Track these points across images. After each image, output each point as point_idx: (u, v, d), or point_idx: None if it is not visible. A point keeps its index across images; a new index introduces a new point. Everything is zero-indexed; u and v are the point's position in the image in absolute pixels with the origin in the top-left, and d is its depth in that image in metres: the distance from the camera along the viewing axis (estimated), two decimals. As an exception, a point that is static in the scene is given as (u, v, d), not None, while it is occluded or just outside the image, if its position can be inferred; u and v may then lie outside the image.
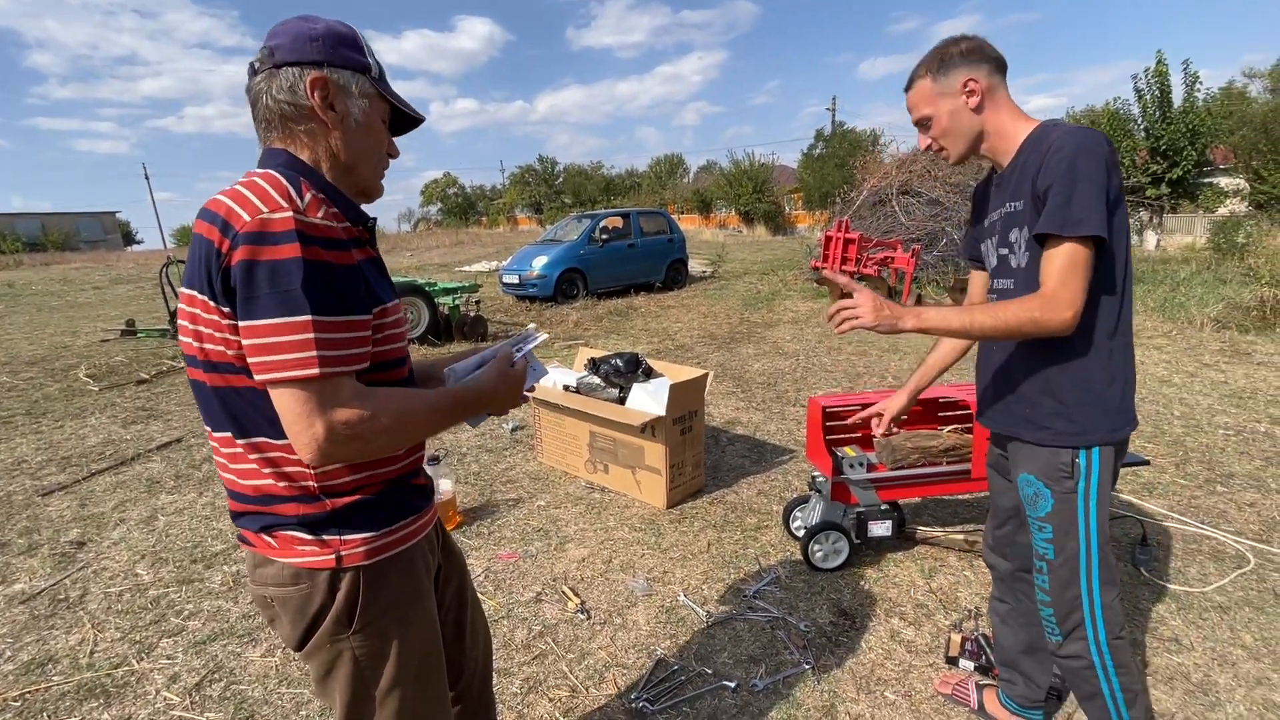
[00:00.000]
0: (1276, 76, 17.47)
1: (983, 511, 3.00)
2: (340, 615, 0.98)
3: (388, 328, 0.98)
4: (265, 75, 0.95)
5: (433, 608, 1.13)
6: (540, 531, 2.97)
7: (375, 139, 1.04)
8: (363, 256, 0.96)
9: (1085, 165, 1.24)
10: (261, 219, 0.82)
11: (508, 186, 51.79)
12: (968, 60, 1.40)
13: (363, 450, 0.89)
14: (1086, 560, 1.40)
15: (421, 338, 7.37)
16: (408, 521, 1.05)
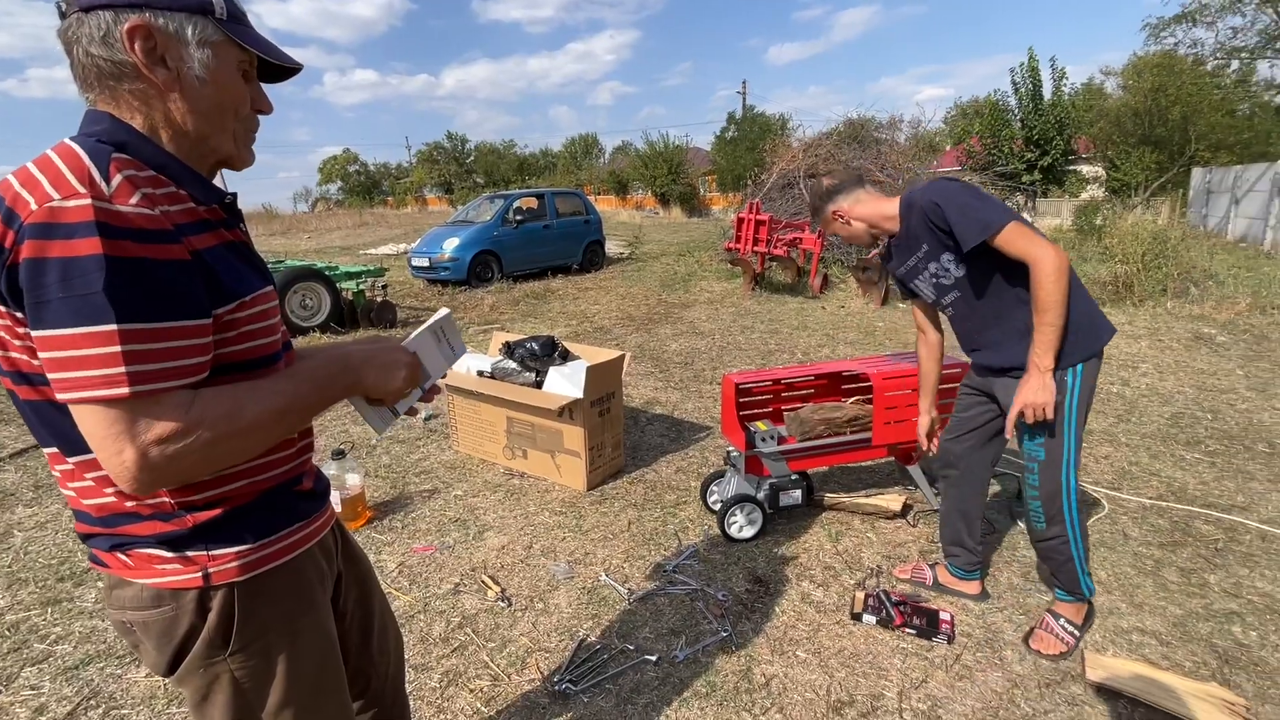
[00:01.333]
0: (1127, 75, 19.47)
1: (884, 477, 3.21)
2: (213, 637, 0.88)
3: (252, 321, 0.86)
4: (74, 19, 0.77)
5: (327, 620, 1.05)
6: (457, 522, 2.90)
7: (229, 96, 0.86)
8: (216, 241, 0.83)
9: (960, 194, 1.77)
10: (51, 207, 0.68)
11: (415, 165, 49.35)
12: (827, 199, 2.06)
13: (192, 471, 0.76)
14: (1068, 456, 1.82)
15: (323, 325, 6.93)
16: (292, 530, 0.96)
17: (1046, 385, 1.71)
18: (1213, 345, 5.40)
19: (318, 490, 1.06)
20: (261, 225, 26.05)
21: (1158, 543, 2.56)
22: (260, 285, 0.89)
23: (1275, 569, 2.37)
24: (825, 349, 5.78)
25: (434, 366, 1.08)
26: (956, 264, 1.87)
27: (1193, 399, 4.17)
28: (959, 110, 21.90)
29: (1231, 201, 13.14)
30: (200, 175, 0.86)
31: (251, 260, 0.91)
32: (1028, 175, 17.61)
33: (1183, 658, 1.95)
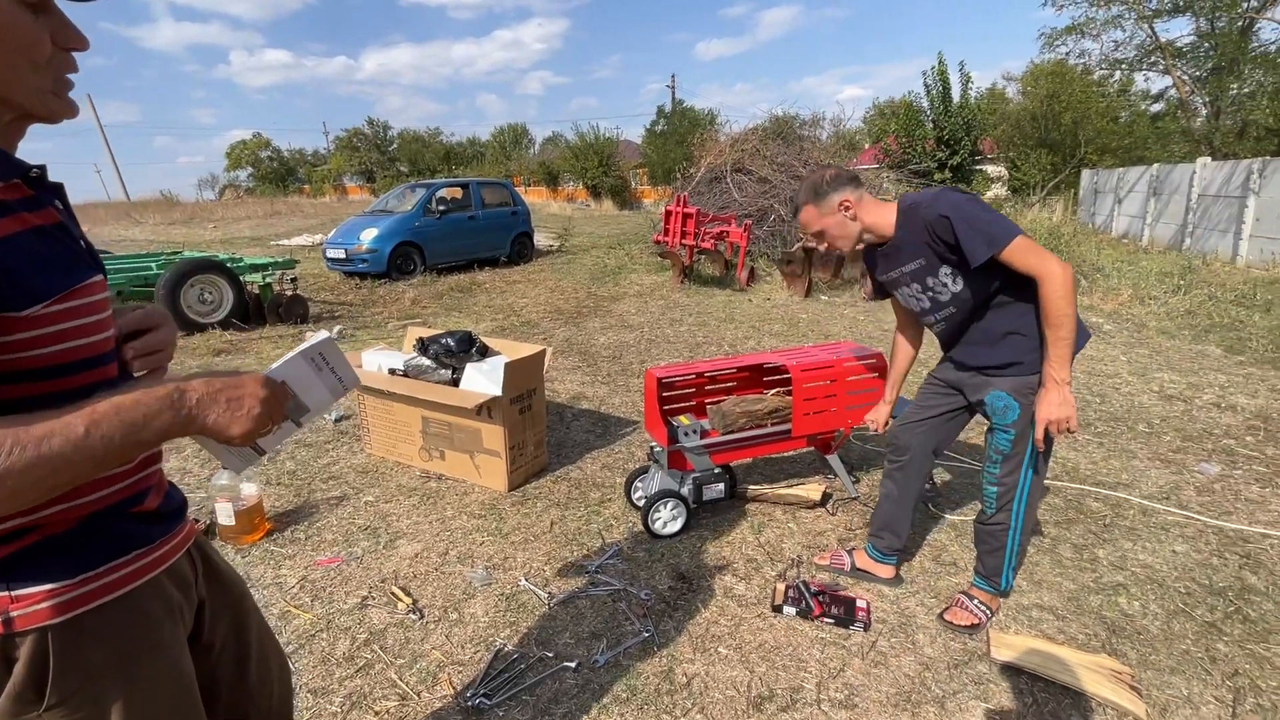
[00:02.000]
0: (1026, 81, 20.86)
1: (805, 467, 3.26)
2: (22, 691, 0.75)
3: (70, 318, 0.74)
4: None
5: (179, 660, 0.92)
6: (367, 530, 2.72)
7: (11, 39, 0.71)
8: (18, 228, 0.71)
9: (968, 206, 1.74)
10: None
11: (333, 152, 46.74)
12: (835, 185, 1.88)
13: None
14: (1033, 453, 1.87)
15: (225, 321, 6.42)
16: (128, 559, 0.83)
17: (1066, 399, 1.73)
18: (1100, 334, 5.84)
19: (166, 510, 0.92)
20: (160, 214, 23.98)
21: (1054, 521, 2.72)
22: (82, 276, 0.77)
23: (1155, 541, 2.55)
24: (751, 341, 5.86)
25: (314, 398, 0.95)
26: (954, 278, 1.84)
27: (1083, 384, 4.48)
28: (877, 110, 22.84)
29: (1115, 201, 14.34)
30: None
31: (69, 246, 0.78)
32: (939, 174, 18.55)
33: (1076, 630, 2.06)
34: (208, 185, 54.54)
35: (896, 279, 1.98)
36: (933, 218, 1.75)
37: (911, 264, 1.90)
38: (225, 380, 0.79)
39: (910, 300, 2.01)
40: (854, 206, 1.89)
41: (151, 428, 0.72)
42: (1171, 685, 1.83)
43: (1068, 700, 1.77)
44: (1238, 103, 16.20)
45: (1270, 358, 5.01)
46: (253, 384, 0.81)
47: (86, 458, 0.67)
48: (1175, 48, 18.41)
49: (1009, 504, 1.95)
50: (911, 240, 1.85)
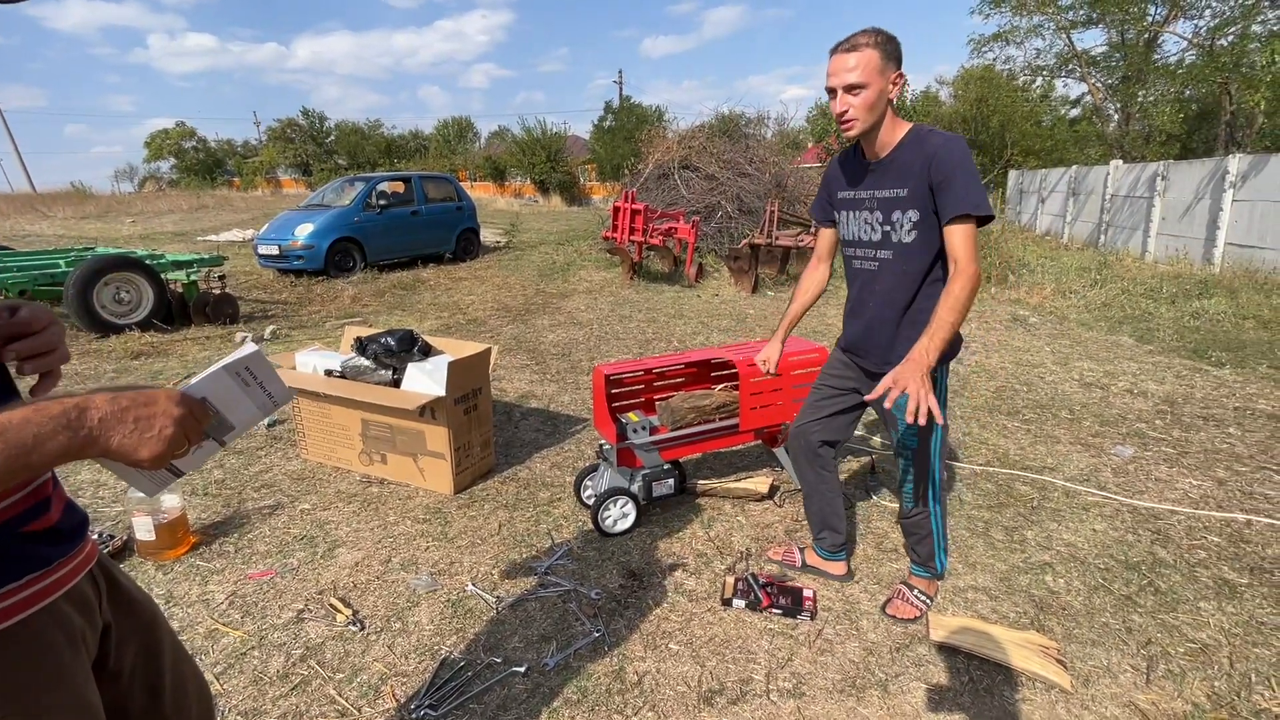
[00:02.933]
0: (957, 85, 21.81)
1: (753, 460, 3.31)
2: None
3: None
4: None
5: (83, 690, 0.85)
6: (304, 539, 2.59)
7: None
8: None
9: (972, 164, 1.63)
10: None
11: (265, 143, 44.54)
12: (899, 57, 1.68)
13: None
14: (936, 446, 1.92)
15: (145, 322, 6.01)
16: (23, 584, 0.76)
17: (926, 381, 1.59)
18: (1026, 326, 6.17)
19: (65, 527, 0.84)
20: (71, 207, 22.27)
21: (986, 505, 2.85)
22: None
23: (1077, 521, 2.71)
24: (700, 337, 5.91)
25: (240, 415, 0.88)
26: (912, 230, 1.75)
27: (1012, 374, 4.72)
28: (819, 110, 23.39)
29: (1038, 200, 15.17)
30: None
31: None
32: (879, 173, 19.23)
33: (1008, 609, 2.16)
34: (125, 177, 51.16)
35: (862, 200, 1.86)
36: (941, 149, 1.64)
37: (891, 190, 1.77)
38: (133, 397, 0.72)
39: (862, 227, 1.88)
40: (897, 92, 1.71)
41: (43, 450, 0.65)
42: (1093, 657, 1.94)
43: (1000, 676, 1.86)
44: (1144, 109, 17.39)
45: (1175, 346, 5.40)
46: (166, 401, 0.74)
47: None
48: (1090, 56, 19.62)
49: (924, 495, 2.02)
50: (907, 165, 1.72)
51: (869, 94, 1.64)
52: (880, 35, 1.65)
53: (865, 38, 1.64)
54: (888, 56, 1.63)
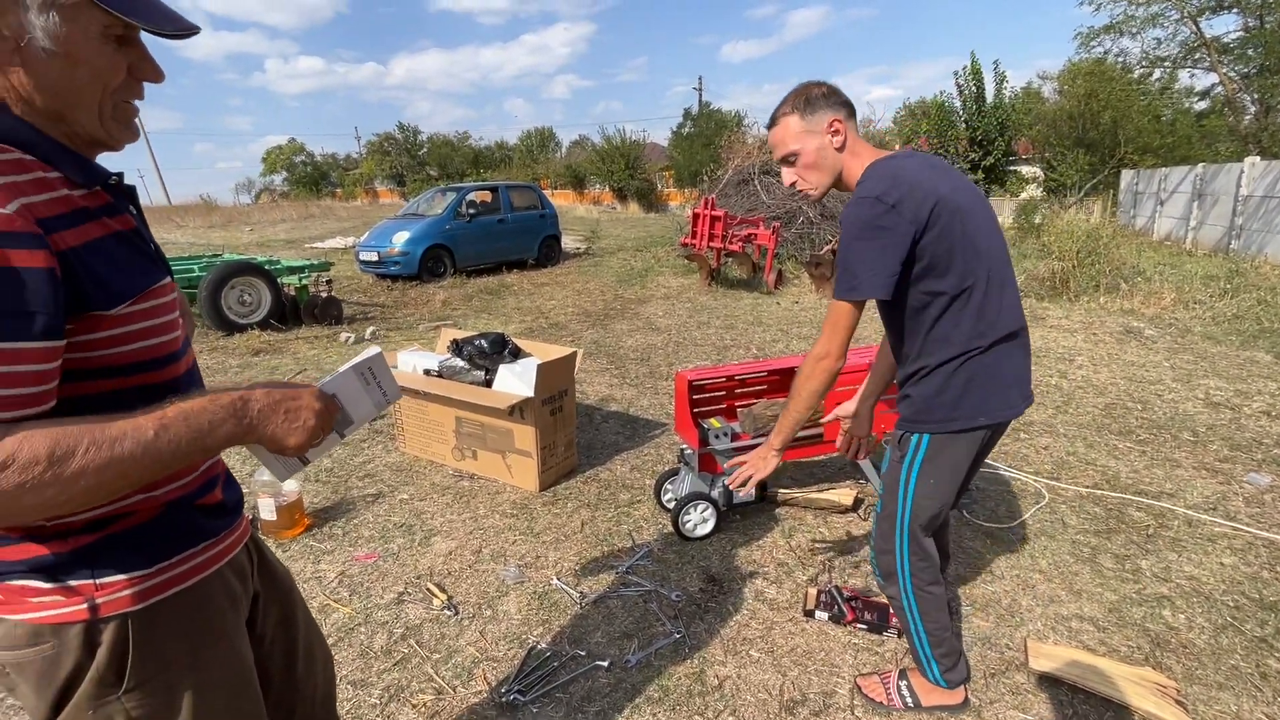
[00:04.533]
0: (1063, 80, 20.35)
1: (835, 471, 3.24)
2: (104, 675, 0.79)
3: (146, 318, 0.78)
4: None
5: (240, 647, 0.96)
6: (403, 527, 2.78)
7: (90, 70, 0.72)
8: (101, 233, 0.75)
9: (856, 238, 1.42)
10: None
11: (365, 156, 47.70)
12: (829, 102, 1.51)
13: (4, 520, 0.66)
14: (903, 521, 1.62)
15: (263, 322, 6.61)
16: (197, 550, 0.88)
17: (765, 456, 1.70)
18: (1141, 338, 5.68)
19: (229, 503, 0.96)
20: (200, 217, 24.76)
21: (1094, 530, 2.65)
22: (154, 278, 0.81)
23: (1201, 554, 2.48)
24: (779, 344, 5.83)
25: (359, 411, 0.98)
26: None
27: (1124, 390, 4.36)
28: (907, 111, 22.48)
29: (1156, 203, 13.90)
30: (75, 152, 0.75)
31: (143, 250, 0.83)
32: (972, 175, 18.24)
33: (1118, 643, 2.01)
34: (244, 189, 56.10)
35: None
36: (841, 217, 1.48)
37: None
38: (284, 392, 0.83)
39: None
40: (844, 134, 1.52)
41: (215, 435, 0.75)
42: (1219, 701, 1.78)
43: (1109, 713, 1.73)
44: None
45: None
46: (309, 397, 0.85)
47: (154, 460, 0.70)
48: (1222, 44, 17.80)
49: (892, 575, 1.67)
50: None
51: (807, 156, 1.54)
52: (796, 98, 1.54)
53: (783, 108, 1.56)
54: (809, 112, 1.52)
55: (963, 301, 1.45)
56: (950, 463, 1.57)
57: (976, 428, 1.53)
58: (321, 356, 5.74)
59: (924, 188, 1.41)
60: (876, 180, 1.44)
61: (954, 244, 1.41)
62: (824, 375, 1.52)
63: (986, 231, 1.47)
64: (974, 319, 1.46)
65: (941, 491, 1.59)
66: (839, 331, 1.48)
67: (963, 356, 1.49)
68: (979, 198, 1.52)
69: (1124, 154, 17.27)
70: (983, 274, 1.45)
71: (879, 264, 1.41)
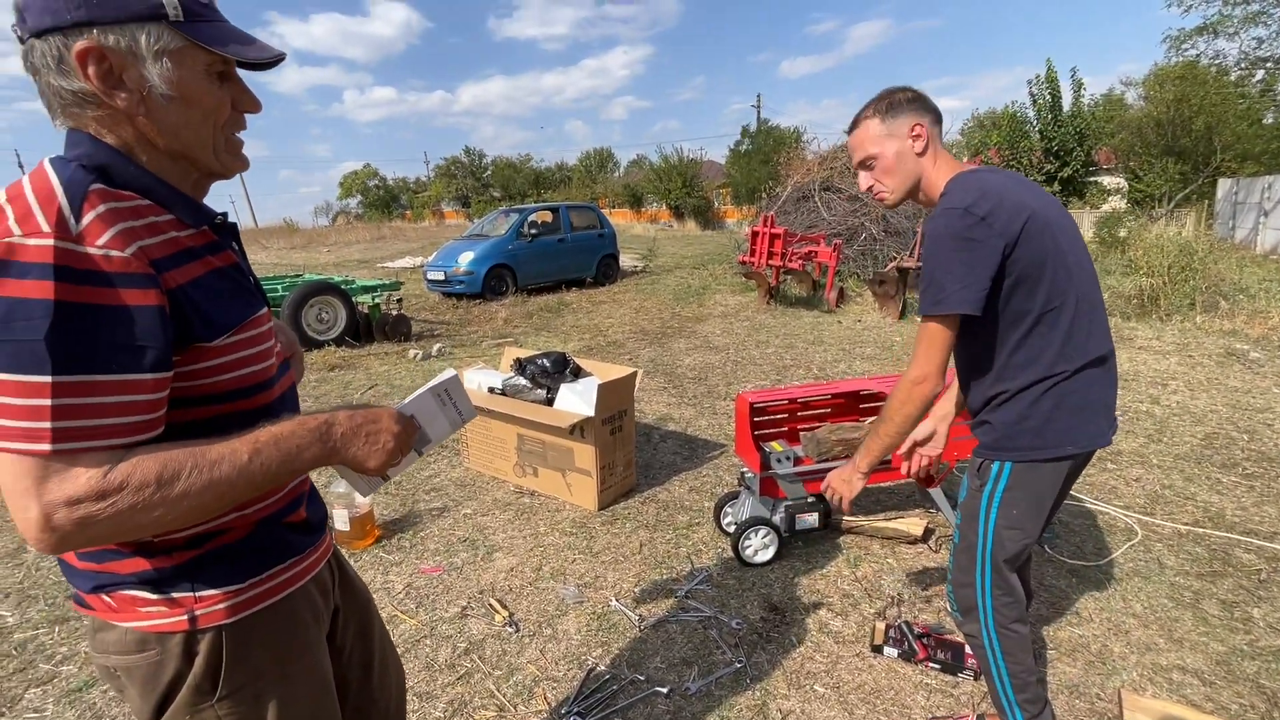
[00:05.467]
0: (1149, 86, 19.20)
1: (904, 500, 3.11)
2: (200, 683, 0.84)
3: (244, 348, 0.83)
4: (29, 46, 0.72)
5: (322, 660, 1.00)
6: (466, 541, 2.85)
7: (202, 108, 0.79)
8: (203, 270, 0.80)
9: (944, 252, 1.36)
10: (9, 244, 0.64)
11: (433, 179, 49.98)
12: (913, 107, 1.48)
13: (105, 537, 0.69)
14: (983, 554, 1.53)
15: (339, 339, 6.97)
16: (285, 566, 0.92)
17: (850, 479, 1.63)
18: (1246, 362, 5.22)
19: (314, 521, 1.01)
20: (283, 239, 26.49)
21: (1196, 573, 2.44)
22: (251, 310, 0.86)
23: (1324, 603, 2.23)
24: (841, 364, 5.68)
25: (436, 430, 1.02)
26: None
27: (1227, 418, 4.01)
28: (976, 122, 21.70)
29: (1259, 213, 12.83)
30: (187, 196, 0.82)
31: (243, 284, 0.88)
32: (1047, 187, 17.39)
33: (1227, 699, 1.83)
34: (323, 212, 59.78)
35: None
36: (928, 230, 1.42)
37: None
38: (365, 415, 0.87)
39: None
40: (927, 138, 1.48)
41: (303, 457, 0.80)
42: (1354, 774, 1.58)
43: (1221, 779, 1.58)
44: None
45: None
46: (388, 419, 0.89)
47: (248, 482, 0.75)
48: (1333, 41, 16.39)
49: (972, 611, 1.58)
50: None
51: (886, 160, 1.51)
52: (879, 102, 1.52)
53: (865, 111, 1.54)
54: (890, 115, 1.49)
55: (1050, 321, 1.38)
56: (1035, 493, 1.48)
57: (1063, 457, 1.44)
58: (391, 372, 5.99)
59: (1014, 200, 1.35)
60: (964, 192, 1.38)
61: (1045, 260, 1.35)
62: (921, 400, 1.45)
63: (1076, 250, 1.40)
64: (1063, 340, 1.39)
65: (1025, 524, 1.50)
66: (934, 351, 1.41)
67: (1050, 380, 1.41)
68: (1066, 215, 1.45)
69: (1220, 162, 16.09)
70: (1072, 294, 1.38)
71: (969, 277, 1.34)
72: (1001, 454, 1.48)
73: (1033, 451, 1.44)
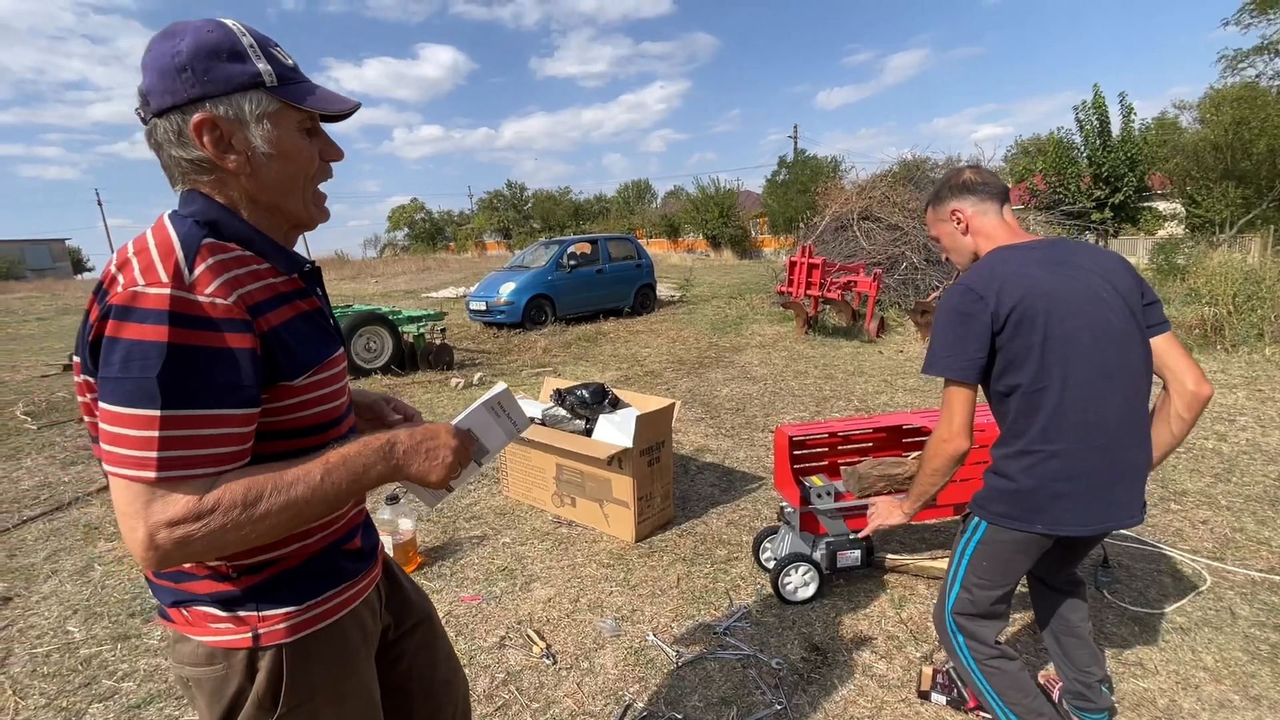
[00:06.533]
0: (1204, 109, 18.58)
1: (949, 537, 3.01)
2: (263, 699, 0.90)
3: (321, 387, 0.90)
4: (152, 125, 0.83)
5: (370, 682, 1.04)
6: (505, 570, 2.87)
7: (297, 162, 0.89)
8: (292, 314, 0.88)
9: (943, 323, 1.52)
10: (134, 292, 0.74)
11: (476, 212, 51.61)
12: (954, 194, 1.66)
13: (202, 553, 0.77)
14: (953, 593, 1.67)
15: (385, 368, 7.20)
16: (338, 591, 0.97)
17: (891, 514, 1.78)
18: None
19: (366, 548, 1.07)
20: (334, 271, 27.63)
21: (1273, 624, 2.28)
22: (330, 351, 0.94)
23: None
24: (883, 396, 5.57)
25: (493, 441, 1.08)
26: None
27: None
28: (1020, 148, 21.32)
29: (1332, 238, 12.13)
30: (280, 246, 0.91)
31: (324, 326, 0.96)
32: (1098, 214, 16.89)
33: (1314, 765, 1.70)
34: (371, 245, 62.17)
35: None
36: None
37: None
38: (424, 431, 0.93)
39: None
40: (965, 220, 1.64)
41: (369, 475, 0.87)
42: None
43: None
44: None
45: None
46: (445, 435, 0.95)
47: (320, 500, 0.82)
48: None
49: (950, 644, 1.71)
50: None
51: (943, 240, 1.73)
52: (933, 189, 1.75)
53: (927, 200, 1.77)
54: (935, 203, 1.71)
55: (1037, 398, 1.46)
56: (1002, 555, 1.59)
57: (1031, 532, 1.52)
58: (434, 400, 6.15)
59: (1018, 284, 1.44)
60: (978, 269, 1.54)
61: (1033, 344, 1.43)
62: (948, 457, 1.55)
63: (1096, 329, 1.43)
64: (1047, 419, 1.45)
65: (993, 577, 1.61)
66: (952, 412, 1.53)
67: (1031, 455, 1.48)
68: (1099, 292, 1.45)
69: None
70: (1060, 374, 1.43)
71: (956, 348, 1.49)
72: (980, 511, 1.61)
73: (1003, 519, 1.55)
